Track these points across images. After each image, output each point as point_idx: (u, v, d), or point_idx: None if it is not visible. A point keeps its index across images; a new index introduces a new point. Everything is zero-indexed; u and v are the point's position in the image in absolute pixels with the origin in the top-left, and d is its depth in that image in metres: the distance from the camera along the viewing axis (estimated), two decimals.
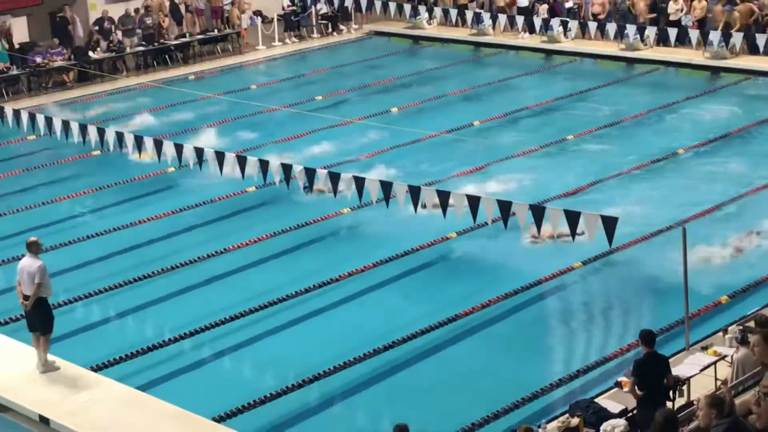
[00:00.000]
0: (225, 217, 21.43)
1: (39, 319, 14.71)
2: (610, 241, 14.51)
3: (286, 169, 17.40)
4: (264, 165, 17.65)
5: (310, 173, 17.06)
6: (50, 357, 14.96)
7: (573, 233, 14.90)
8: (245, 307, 17.29)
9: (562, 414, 13.37)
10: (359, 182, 16.50)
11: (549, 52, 34.91)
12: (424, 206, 16.76)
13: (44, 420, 13.87)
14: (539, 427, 12.57)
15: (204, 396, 14.88)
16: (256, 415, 14.34)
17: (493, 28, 36.38)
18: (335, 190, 16.92)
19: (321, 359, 15.65)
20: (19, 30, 33.01)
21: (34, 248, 14.81)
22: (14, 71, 31.36)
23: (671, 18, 33.71)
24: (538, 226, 14.99)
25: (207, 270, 18.99)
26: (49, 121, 20.33)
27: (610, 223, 14.38)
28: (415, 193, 15.96)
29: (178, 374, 15.57)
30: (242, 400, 14.54)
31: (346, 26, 38.89)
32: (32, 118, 20.58)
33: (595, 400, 13.47)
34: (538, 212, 14.94)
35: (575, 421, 12.99)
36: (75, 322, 17.00)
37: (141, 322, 17.37)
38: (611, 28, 33.05)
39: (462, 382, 15.24)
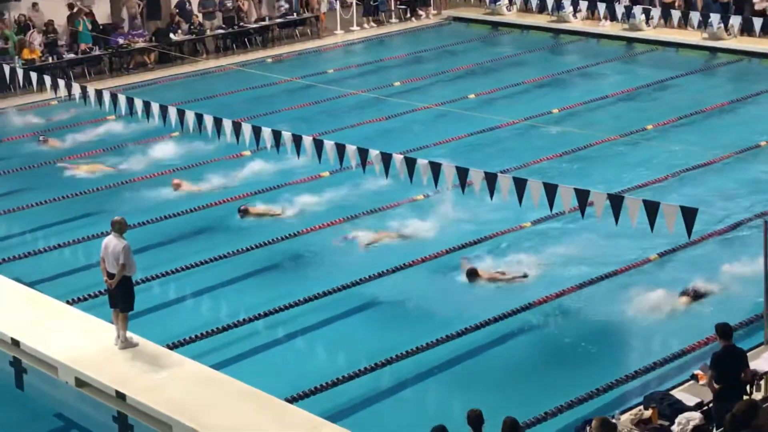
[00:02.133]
0: (297, 201, 21.57)
1: (121, 297, 14.90)
2: (689, 233, 14.29)
3: (363, 153, 17.41)
4: (341, 149, 17.66)
5: (386, 158, 17.05)
6: (128, 334, 15.17)
7: (652, 224, 14.69)
8: (320, 289, 17.39)
9: (636, 405, 13.28)
10: (435, 168, 16.45)
11: (630, 40, 34.50)
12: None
13: (121, 395, 14.08)
14: (612, 417, 12.46)
15: (277, 376, 14.98)
16: (327, 397, 14.41)
17: (574, 15, 36.04)
18: (411, 176, 16.88)
19: (393, 343, 15.69)
20: (102, 11, 33.43)
21: (118, 227, 14.94)
22: (97, 52, 31.80)
23: (756, 8, 33.10)
24: (616, 216, 14.80)
25: (282, 252, 19.09)
26: (130, 101, 20.55)
27: (689, 215, 14.17)
28: (491, 180, 15.85)
29: (253, 354, 15.70)
30: (315, 381, 14.62)
31: (425, 11, 38.78)
32: (114, 98, 20.83)
33: (671, 392, 13.34)
34: (616, 202, 14.76)
35: (648, 413, 12.88)
36: (153, 299, 17.19)
37: (217, 301, 17.51)
38: (694, 16, 32.54)
39: (535, 370, 15.16)
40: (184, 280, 18.15)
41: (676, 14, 32.71)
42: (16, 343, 15.46)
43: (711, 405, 12.59)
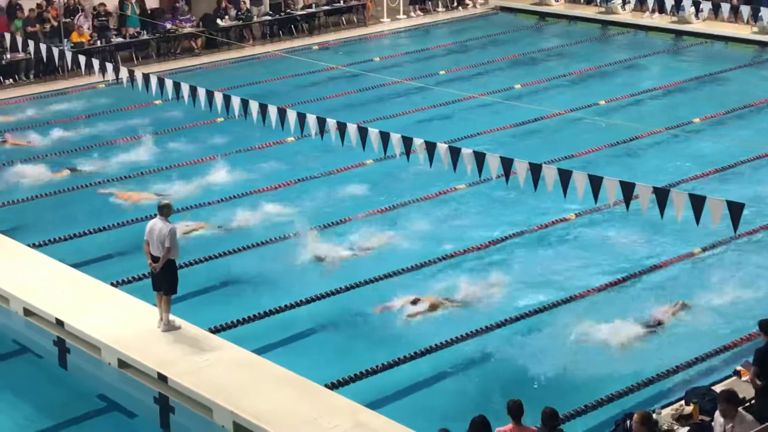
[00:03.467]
0: (340, 188, 21.61)
1: (165, 280, 15.00)
2: (735, 227, 14.16)
3: (407, 142, 17.39)
4: (385, 137, 17.66)
5: (430, 147, 17.02)
6: (171, 317, 15.27)
7: (697, 218, 14.56)
8: (361, 278, 17.42)
9: (678, 400, 13.20)
10: (479, 158, 16.40)
11: (679, 33, 34.21)
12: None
13: (162, 378, 14.19)
14: (653, 412, 12.39)
15: (317, 363, 15.03)
16: (367, 384, 14.45)
17: (623, 6, 35.80)
18: (455, 165, 16.86)
19: (433, 333, 15.70)
20: None
21: (165, 211, 15.02)
22: (144, 36, 32.00)
23: None
24: (661, 210, 14.69)
25: (325, 239, 19.16)
26: (177, 86, 20.65)
27: (736, 210, 14.04)
28: (536, 170, 15.78)
29: (294, 340, 15.75)
30: (355, 368, 14.66)
31: (472, 1, 38.66)
32: (161, 82, 20.93)
33: (713, 387, 13.24)
34: (661, 195, 14.65)
35: (689, 408, 12.80)
36: (197, 283, 17.28)
37: (259, 287, 17.57)
38: (745, 10, 32.18)
39: (576, 363, 15.10)
40: (229, 264, 18.23)
41: (726, 7, 32.38)
42: (60, 323, 15.62)
43: (753, 401, 12.49)
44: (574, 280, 17.47)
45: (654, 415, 12.12)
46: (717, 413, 11.73)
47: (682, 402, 13.07)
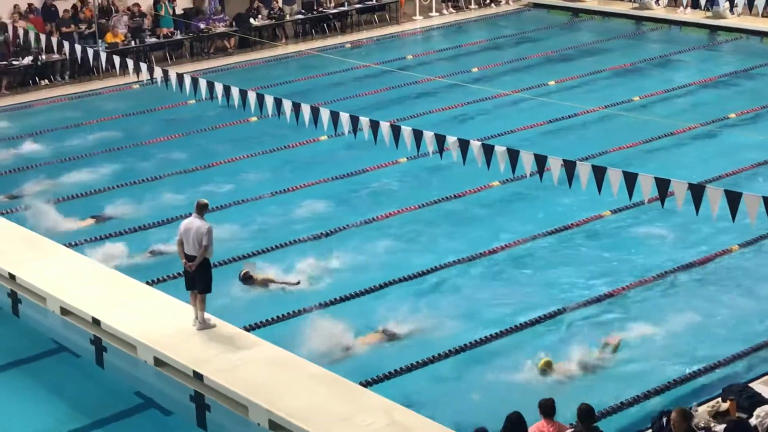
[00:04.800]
0: (372, 188, 21.65)
1: (200, 279, 15.06)
2: None
3: (440, 140, 17.37)
4: (418, 135, 17.65)
5: (463, 144, 16.99)
6: (206, 315, 15.34)
7: (733, 215, 14.46)
8: (391, 276, 17.46)
9: (715, 397, 13.12)
10: (513, 155, 16.36)
11: (713, 28, 33.98)
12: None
13: (198, 376, 14.25)
14: (690, 409, 12.32)
15: (352, 360, 15.04)
16: (402, 382, 14.46)
17: (657, 2, 35.60)
18: (488, 163, 16.83)
19: (467, 330, 15.68)
20: None
21: (200, 209, 15.08)
22: (178, 36, 32.15)
23: None
24: (697, 206, 14.60)
25: (355, 237, 19.20)
26: (210, 85, 20.73)
27: None
28: (570, 168, 15.72)
29: (328, 338, 15.68)
30: (388, 367, 14.67)
31: None
32: (194, 82, 21.02)
33: (750, 384, 13.15)
34: (697, 192, 14.56)
35: (726, 405, 12.71)
36: (230, 282, 17.35)
37: (297, 284, 17.58)
38: None
39: (611, 360, 15.04)
40: (263, 263, 18.30)
41: (761, 2, 32.08)
42: (96, 322, 15.73)
43: None
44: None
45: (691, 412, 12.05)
46: (757, 410, 11.66)
47: (719, 399, 12.99)
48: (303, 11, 34.71)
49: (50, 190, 21.74)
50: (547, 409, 11.72)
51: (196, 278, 15.04)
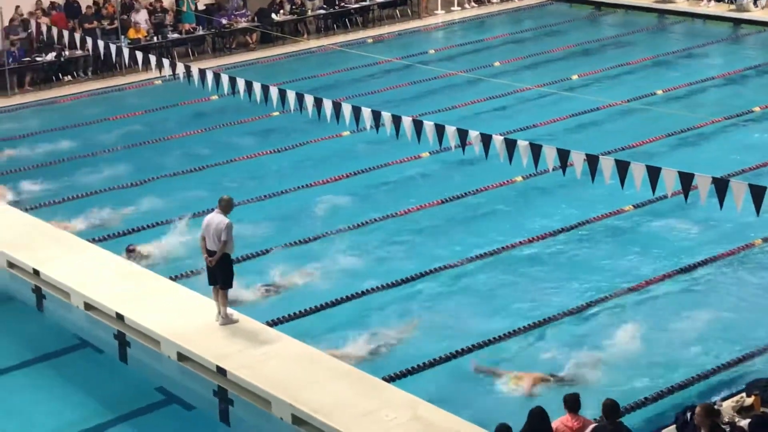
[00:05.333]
0: (394, 183, 21.64)
1: (221, 274, 15.10)
2: None
3: (462, 134, 17.34)
4: (440, 130, 17.62)
5: (486, 139, 16.95)
6: (229, 310, 15.37)
7: (758, 209, 14.37)
8: (416, 270, 17.44)
9: (738, 393, 13.05)
10: (535, 149, 16.31)
11: (737, 21, 33.77)
12: None
13: (221, 371, 14.29)
14: (714, 405, 12.26)
15: (376, 355, 15.04)
16: (425, 377, 14.45)
17: None
18: (511, 158, 16.80)
19: (488, 326, 15.70)
20: None
21: (224, 205, 15.11)
22: (200, 32, 32.21)
23: None
24: (721, 200, 14.52)
25: (384, 232, 19.19)
26: (232, 81, 20.76)
27: None
28: (593, 162, 15.67)
29: (352, 333, 15.74)
30: (411, 362, 14.67)
31: None
32: (217, 77, 21.06)
33: None
34: (721, 186, 14.48)
35: (750, 400, 12.65)
36: (254, 277, 17.37)
37: (316, 279, 17.62)
38: None
39: (636, 354, 14.99)
40: (288, 257, 18.32)
41: None
42: (120, 317, 15.79)
43: None
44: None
45: (715, 407, 11.99)
46: None
47: (743, 394, 12.92)
48: (325, 6, 34.70)
49: (73, 186, 21.83)
50: (572, 403, 11.74)
51: (217, 273, 15.08)
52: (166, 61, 22.00)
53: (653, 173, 15.05)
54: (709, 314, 15.99)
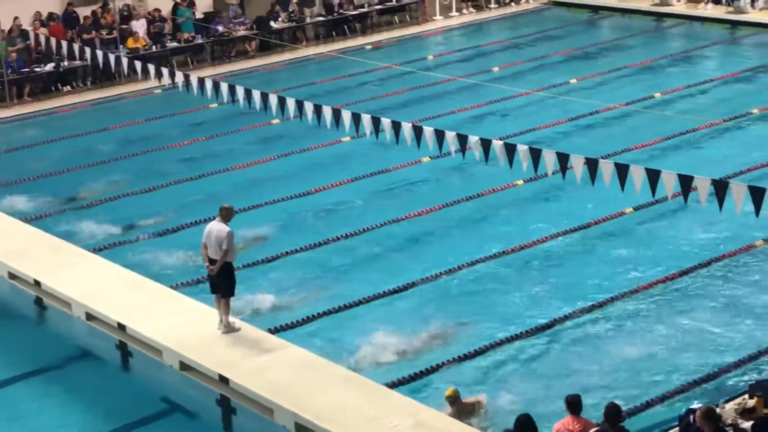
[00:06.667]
0: (395, 188, 21.66)
1: (223, 283, 15.10)
2: None
3: (462, 139, 17.36)
4: (440, 135, 17.64)
5: (485, 144, 16.98)
6: (231, 318, 15.37)
7: (757, 210, 14.39)
8: (420, 276, 17.48)
9: (741, 394, 13.05)
10: (535, 154, 16.34)
11: (734, 23, 33.82)
12: None
13: (224, 379, 14.29)
14: (716, 407, 12.26)
15: (378, 362, 15.02)
16: (426, 383, 14.44)
17: None
18: (511, 162, 16.82)
19: (496, 328, 15.74)
20: (203, 0, 33.78)
21: (225, 213, 15.10)
22: (199, 40, 32.22)
23: None
24: (720, 202, 14.54)
25: (386, 237, 19.19)
26: (232, 89, 20.78)
27: None
28: (593, 166, 15.69)
29: (354, 339, 15.74)
30: (415, 368, 14.68)
31: None
32: (216, 86, 21.08)
33: None
34: (720, 187, 14.50)
35: (753, 401, 12.64)
36: (255, 285, 17.37)
37: (319, 287, 17.61)
38: None
39: (642, 358, 14.98)
40: (281, 265, 18.32)
41: None
42: (122, 327, 15.80)
43: None
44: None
45: (717, 410, 11.99)
46: None
47: (746, 396, 12.92)
48: (323, 13, 34.74)
49: (74, 196, 21.85)
50: (574, 405, 11.67)
51: (219, 282, 15.09)
52: (165, 70, 22.02)
53: (653, 176, 15.08)
54: (710, 315, 16.00)
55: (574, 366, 14.76)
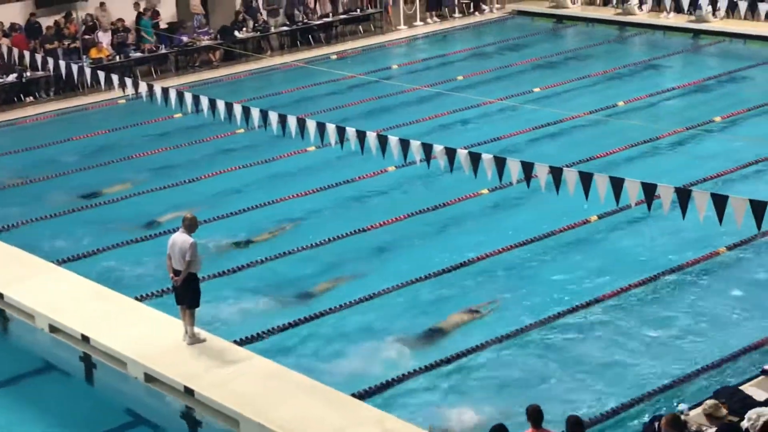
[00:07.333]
0: (361, 198, 21.66)
1: (187, 294, 15.03)
2: (759, 226, 14.10)
3: (427, 148, 17.39)
4: (405, 144, 17.67)
5: (450, 153, 17.02)
6: (196, 329, 15.30)
7: (720, 218, 14.50)
8: (384, 285, 17.46)
9: (707, 399, 13.11)
10: (500, 162, 16.39)
11: (696, 32, 34.12)
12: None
13: (189, 391, 14.21)
14: (682, 413, 12.33)
15: (344, 372, 15.01)
16: (395, 393, 14.43)
17: (640, 7, 35.76)
18: (475, 171, 16.87)
19: (460, 341, 15.71)
20: (168, 10, 33.69)
21: (188, 224, 15.03)
22: (162, 50, 32.09)
23: None
24: (683, 209, 14.64)
25: (352, 247, 19.18)
26: (196, 99, 20.71)
27: (759, 209, 13.96)
28: (557, 175, 15.75)
29: (320, 350, 15.71)
30: (380, 377, 14.66)
31: (489, 6, 38.66)
32: (180, 96, 21.00)
33: (741, 387, 13.17)
34: (684, 195, 14.60)
35: (717, 408, 12.70)
36: (220, 296, 17.32)
37: (285, 298, 17.57)
38: (762, 7, 32.04)
39: (600, 366, 15.05)
40: (249, 277, 18.27)
41: (743, 5, 32.24)
42: (86, 338, 15.69)
43: None
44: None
45: (682, 417, 12.06)
46: (749, 413, 11.68)
47: (711, 401, 12.97)
48: (288, 23, 34.71)
49: (38, 207, 21.68)
50: (535, 416, 11.50)
51: (183, 293, 15.01)
52: (128, 81, 21.92)
53: (617, 184, 15.17)
54: (677, 323, 16.09)
55: (537, 376, 14.78)
